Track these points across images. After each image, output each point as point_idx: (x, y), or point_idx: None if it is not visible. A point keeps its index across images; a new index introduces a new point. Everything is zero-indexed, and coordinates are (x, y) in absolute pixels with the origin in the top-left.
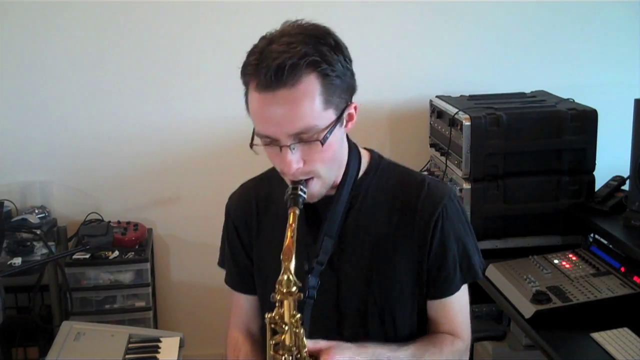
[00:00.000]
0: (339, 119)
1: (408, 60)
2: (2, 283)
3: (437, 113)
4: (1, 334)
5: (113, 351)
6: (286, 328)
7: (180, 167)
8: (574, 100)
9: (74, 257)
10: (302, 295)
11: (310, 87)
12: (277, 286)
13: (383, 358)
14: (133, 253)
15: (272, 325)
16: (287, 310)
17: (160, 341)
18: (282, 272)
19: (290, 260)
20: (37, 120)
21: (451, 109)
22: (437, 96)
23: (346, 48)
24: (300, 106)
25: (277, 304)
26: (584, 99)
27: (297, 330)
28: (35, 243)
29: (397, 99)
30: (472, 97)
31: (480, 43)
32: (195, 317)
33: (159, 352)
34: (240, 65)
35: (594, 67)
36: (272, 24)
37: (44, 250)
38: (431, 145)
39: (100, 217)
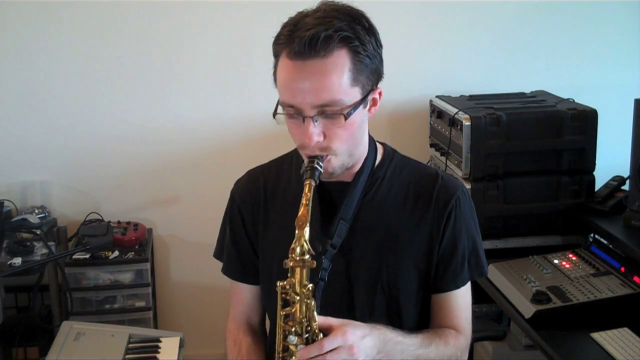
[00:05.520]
0: (364, 99)
1: (408, 60)
2: (2, 283)
3: (437, 113)
4: (1, 334)
5: (113, 351)
6: (297, 298)
7: (180, 167)
8: (574, 100)
9: (74, 257)
10: (315, 263)
11: (341, 61)
12: (289, 254)
13: (393, 341)
14: (133, 253)
15: (284, 295)
16: (298, 279)
17: (160, 341)
18: (295, 239)
19: (304, 228)
20: (37, 120)
21: (451, 109)
22: (437, 96)
23: (378, 33)
24: (328, 78)
25: (288, 273)
26: (584, 99)
27: (308, 302)
28: (35, 243)
29: (397, 99)
30: (472, 97)
31: (480, 43)
32: (195, 317)
33: (159, 352)
34: (240, 64)
35: (594, 67)
36: (271, 24)
37: (44, 250)
38: (431, 145)
39: (100, 217)
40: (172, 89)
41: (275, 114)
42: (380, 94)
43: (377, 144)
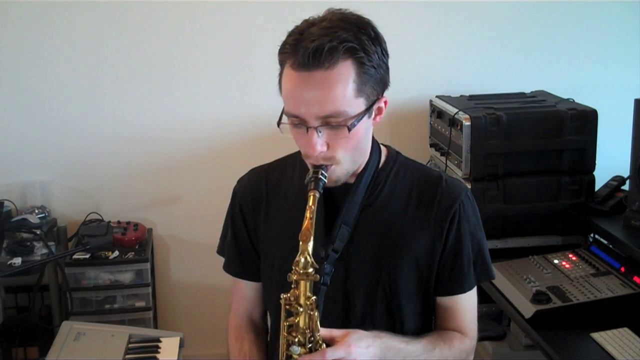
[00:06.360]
0: (368, 109)
1: (408, 60)
2: (2, 283)
3: (437, 113)
4: (1, 334)
5: (113, 351)
6: (301, 310)
7: (180, 167)
8: (574, 100)
9: (74, 257)
10: (318, 276)
11: (345, 72)
12: (293, 267)
13: (395, 349)
14: (133, 253)
15: (287, 307)
16: (302, 291)
17: (160, 341)
18: (299, 253)
19: (308, 242)
20: (37, 120)
21: (451, 109)
22: (437, 96)
23: (385, 42)
24: (333, 90)
25: (292, 285)
26: (584, 99)
27: (312, 313)
28: (35, 243)
29: (397, 99)
30: (472, 97)
31: (480, 43)
32: (195, 317)
33: (159, 352)
34: (240, 64)
35: (594, 67)
36: (272, 24)
37: (44, 250)
38: (431, 145)
39: (100, 217)
40: (172, 89)
41: (279, 123)
42: (385, 102)
43: (381, 146)
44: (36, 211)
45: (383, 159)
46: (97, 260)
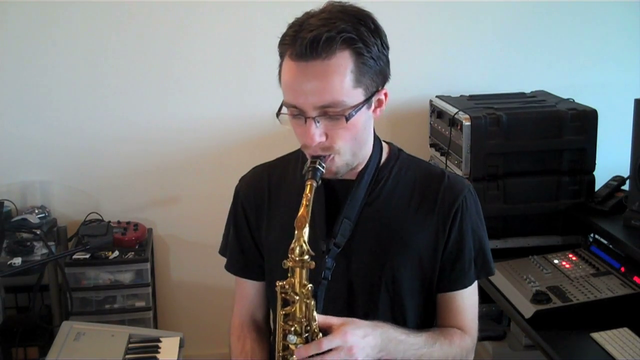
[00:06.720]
0: (367, 100)
1: (408, 60)
2: (2, 283)
3: (437, 113)
4: (1, 334)
5: (113, 351)
6: (297, 298)
7: (180, 167)
8: (574, 100)
9: (74, 257)
10: (314, 263)
11: (343, 62)
12: (289, 254)
13: (396, 340)
14: (133, 253)
15: (283, 295)
16: (298, 279)
17: (160, 341)
18: (294, 240)
19: (303, 229)
20: (37, 120)
21: (451, 109)
22: (437, 96)
23: (385, 35)
24: (330, 80)
25: (288, 273)
26: (584, 99)
27: (308, 302)
28: (35, 243)
29: (397, 99)
30: (472, 97)
31: (480, 43)
32: (195, 317)
33: (159, 352)
34: (240, 64)
35: (594, 67)
36: (272, 24)
37: (44, 250)
38: (431, 145)
39: (100, 217)
40: (172, 88)
41: (278, 113)
42: (385, 95)
43: (383, 143)
44: (36, 211)
45: (385, 155)
46: (97, 260)
